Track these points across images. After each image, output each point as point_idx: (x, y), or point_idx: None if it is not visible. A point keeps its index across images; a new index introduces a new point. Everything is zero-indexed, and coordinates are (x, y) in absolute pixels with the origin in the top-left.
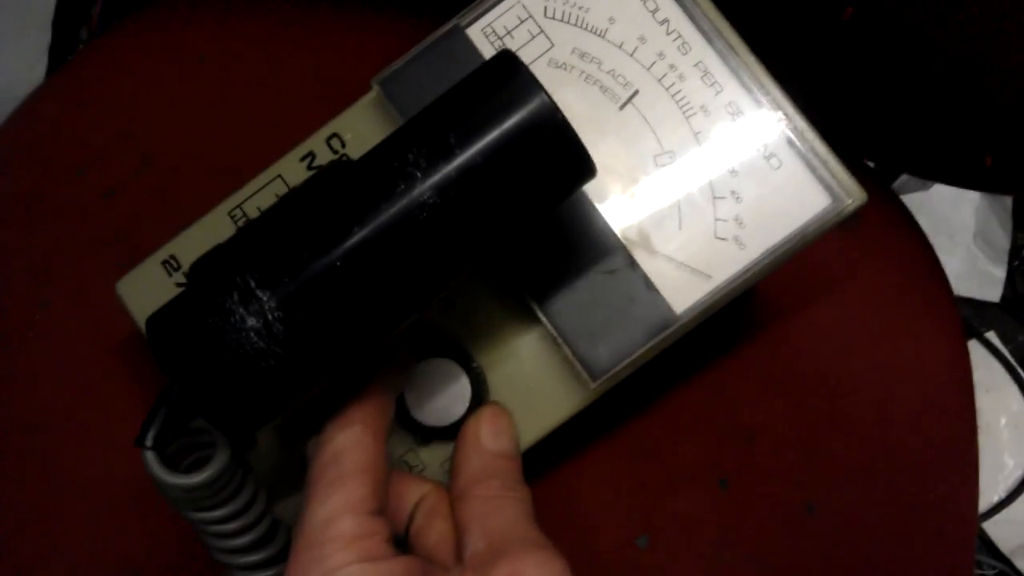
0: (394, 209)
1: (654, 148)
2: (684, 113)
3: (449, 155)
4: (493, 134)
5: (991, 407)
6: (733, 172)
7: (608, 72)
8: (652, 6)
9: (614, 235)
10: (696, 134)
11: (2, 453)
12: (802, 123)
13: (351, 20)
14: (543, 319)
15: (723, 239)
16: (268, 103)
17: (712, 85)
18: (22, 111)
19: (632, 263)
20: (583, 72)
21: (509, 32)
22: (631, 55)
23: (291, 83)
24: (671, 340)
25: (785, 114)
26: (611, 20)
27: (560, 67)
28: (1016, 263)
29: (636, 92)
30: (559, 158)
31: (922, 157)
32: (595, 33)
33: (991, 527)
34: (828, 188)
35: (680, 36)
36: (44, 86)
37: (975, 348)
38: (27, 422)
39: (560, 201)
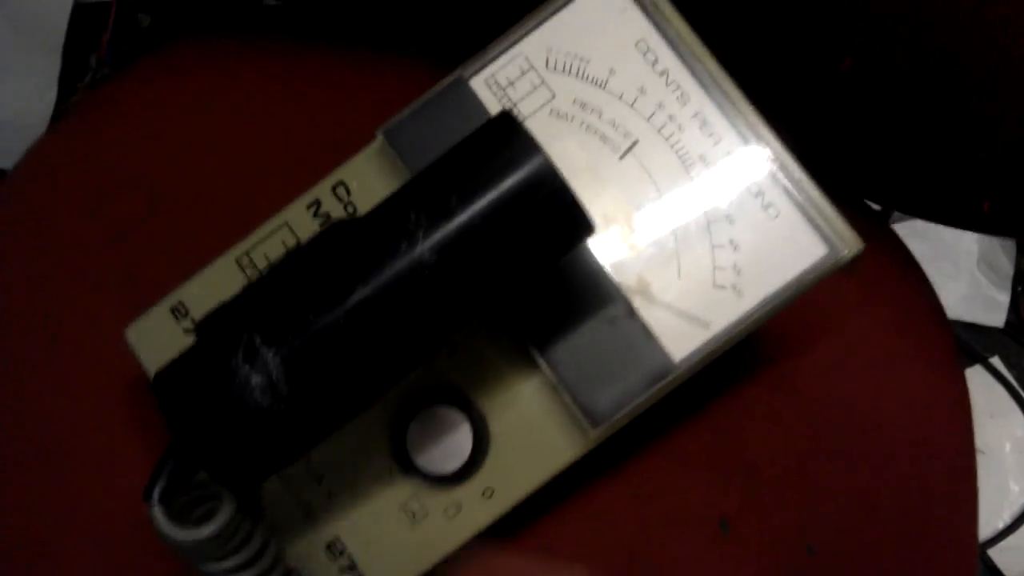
0: (396, 269)
1: (653, 197)
2: (683, 163)
3: (450, 217)
4: (493, 196)
5: (995, 433)
6: (731, 220)
7: (608, 122)
8: (652, 58)
9: (614, 284)
10: (695, 183)
11: (7, 492)
12: (799, 173)
13: (358, 65)
14: (544, 367)
15: (721, 287)
16: (275, 148)
17: (711, 135)
18: (32, 155)
19: (631, 312)
20: (584, 122)
21: (512, 83)
22: (631, 106)
23: (298, 128)
24: (670, 387)
25: (782, 164)
26: (611, 71)
27: (561, 117)
28: (1020, 288)
29: (636, 142)
30: (558, 219)
31: (920, 199)
32: (596, 84)
33: (996, 554)
34: (825, 237)
35: (679, 87)
36: (53, 131)
37: (978, 373)
38: (33, 462)
39: (559, 258)
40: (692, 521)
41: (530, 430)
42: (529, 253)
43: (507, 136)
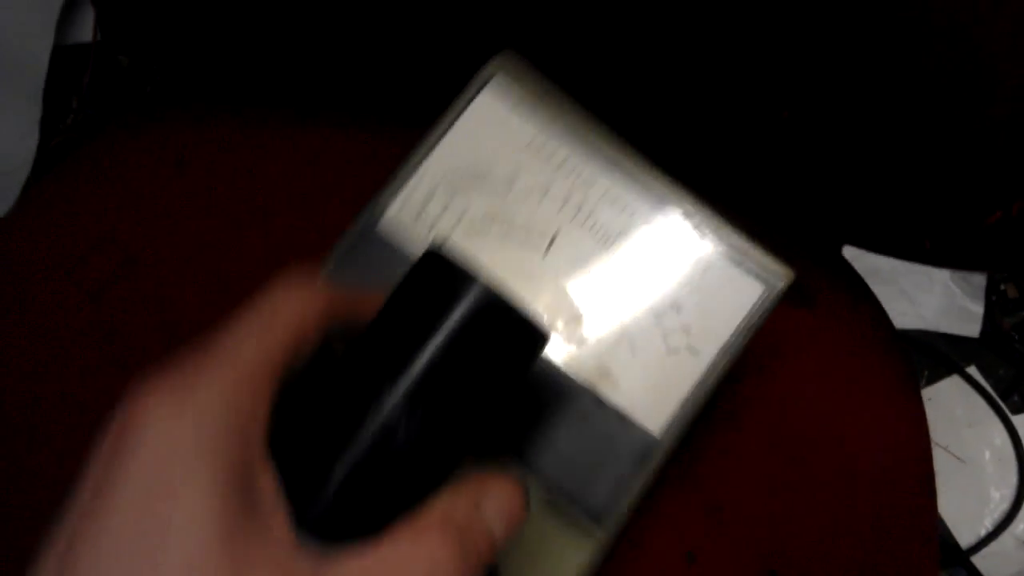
0: (370, 434)
1: (587, 284)
2: (605, 243)
3: (411, 372)
4: (446, 339)
5: (975, 441)
6: (666, 285)
7: (522, 226)
8: (547, 153)
9: (575, 381)
10: (622, 259)
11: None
12: (717, 221)
13: (331, 124)
14: (533, 480)
15: (675, 351)
16: (247, 206)
17: (623, 210)
18: (10, 218)
19: (599, 403)
20: (499, 230)
21: (424, 207)
22: (540, 203)
23: (269, 186)
24: (662, 463)
25: (698, 218)
26: (513, 176)
27: (477, 232)
28: (993, 298)
29: (554, 237)
30: (513, 339)
31: (866, 234)
32: (502, 191)
33: (980, 561)
34: (757, 276)
35: (580, 173)
36: (31, 192)
37: (956, 383)
38: (25, 524)
39: (524, 374)
40: (660, 556)
41: (537, 547)
42: (496, 377)
43: (440, 275)
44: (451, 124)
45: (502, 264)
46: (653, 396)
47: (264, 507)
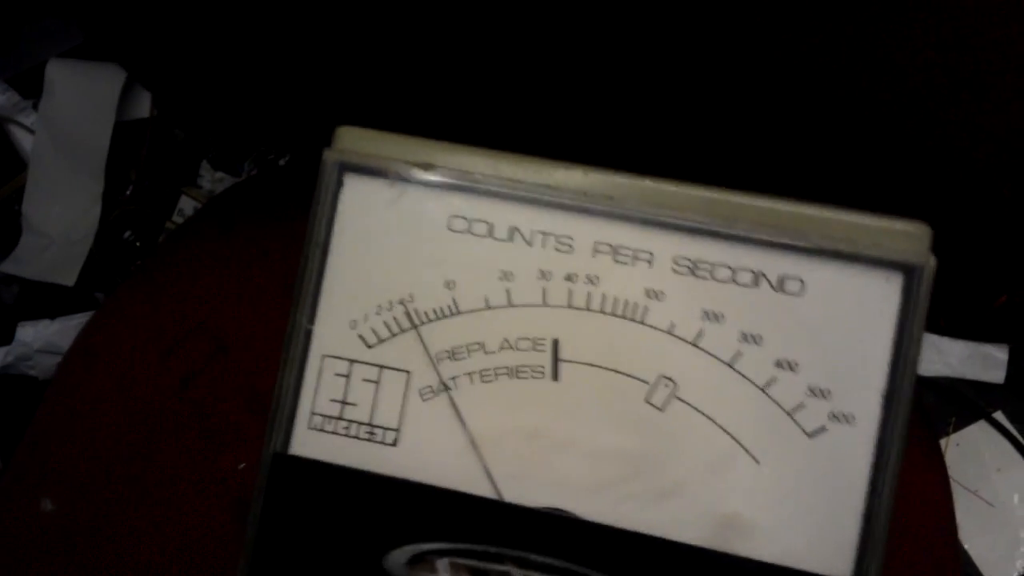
0: None
1: (638, 392)
2: (636, 319)
3: None
4: None
5: (1003, 486)
6: (755, 340)
7: (501, 348)
8: (481, 228)
9: (695, 550)
10: (669, 332)
11: None
12: (778, 207)
13: None
14: None
15: (819, 431)
16: None
17: (638, 258)
18: (109, 307)
19: (743, 565)
20: (474, 372)
21: (344, 400)
22: (508, 306)
23: None
24: None
25: (747, 220)
26: (450, 284)
27: (444, 390)
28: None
29: (556, 344)
30: None
31: None
32: (444, 316)
33: None
34: (882, 261)
35: (542, 234)
36: (128, 284)
37: (984, 429)
38: None
39: None
40: None
41: None
42: None
43: None
44: (323, 257)
45: (494, 429)
46: (819, 517)
47: None
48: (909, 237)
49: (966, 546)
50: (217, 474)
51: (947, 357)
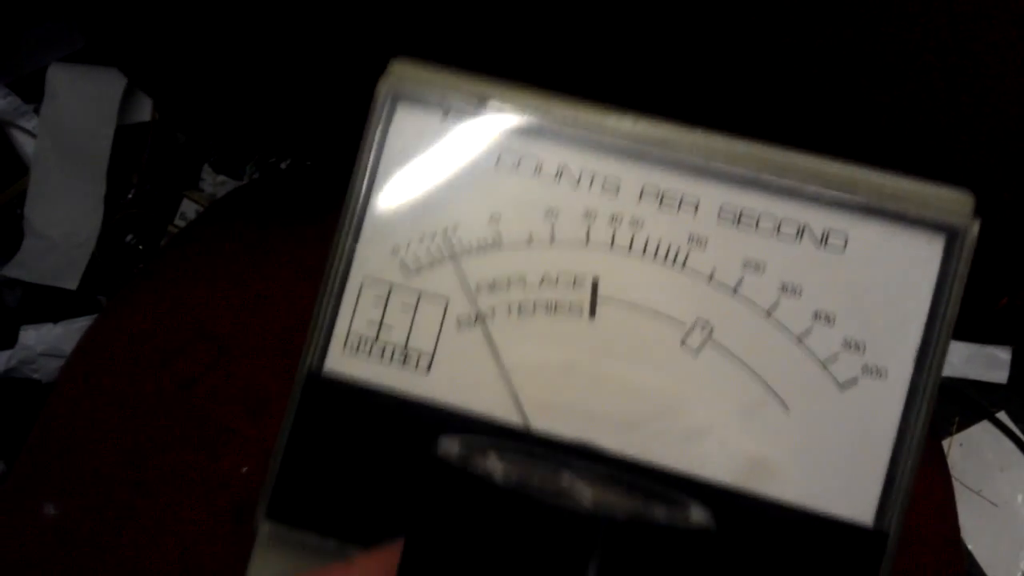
0: None
1: (674, 333)
2: (676, 263)
3: None
4: None
5: (1007, 485)
6: (795, 292)
7: (542, 285)
8: (530, 165)
9: (721, 489)
10: (710, 279)
11: None
12: (828, 167)
13: None
14: None
15: (852, 381)
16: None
17: (679, 205)
18: (109, 313)
19: (767, 506)
20: (512, 305)
21: (381, 324)
22: (551, 242)
23: None
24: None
25: (796, 175)
26: (495, 218)
27: (481, 321)
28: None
29: (595, 282)
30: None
31: None
32: (488, 248)
33: None
34: (927, 223)
35: (590, 174)
36: (129, 288)
37: (987, 429)
38: None
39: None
40: None
41: None
42: None
43: (489, 517)
44: (371, 184)
45: (549, 353)
46: (845, 465)
47: None
48: (953, 202)
49: (970, 546)
50: (219, 478)
51: (950, 357)
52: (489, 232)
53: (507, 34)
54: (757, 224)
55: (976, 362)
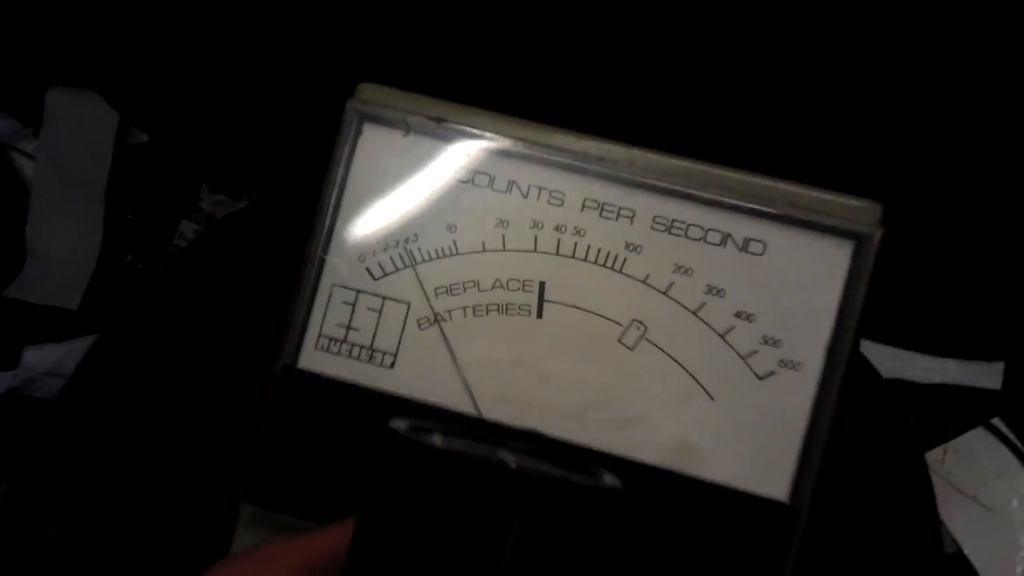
0: None
1: (612, 332)
2: (614, 268)
3: None
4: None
5: (1002, 491)
6: (719, 293)
7: (493, 288)
8: (484, 180)
9: (653, 470)
10: (644, 282)
11: None
12: (749, 180)
13: None
14: None
15: (770, 374)
16: None
17: (620, 214)
18: (110, 333)
19: (693, 484)
20: (467, 307)
21: (349, 325)
22: (502, 250)
23: None
24: (803, 531)
25: (721, 188)
26: (451, 228)
27: (438, 321)
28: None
29: (542, 287)
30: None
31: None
32: (445, 256)
33: None
34: (836, 230)
35: (538, 187)
36: (130, 309)
37: (982, 435)
38: None
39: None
40: None
41: None
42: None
43: (431, 471)
44: (338, 197)
45: (496, 345)
46: (763, 447)
47: None
48: (862, 211)
49: (966, 551)
50: (222, 498)
51: (945, 364)
52: (446, 241)
53: (466, 59)
54: (686, 232)
55: (971, 368)
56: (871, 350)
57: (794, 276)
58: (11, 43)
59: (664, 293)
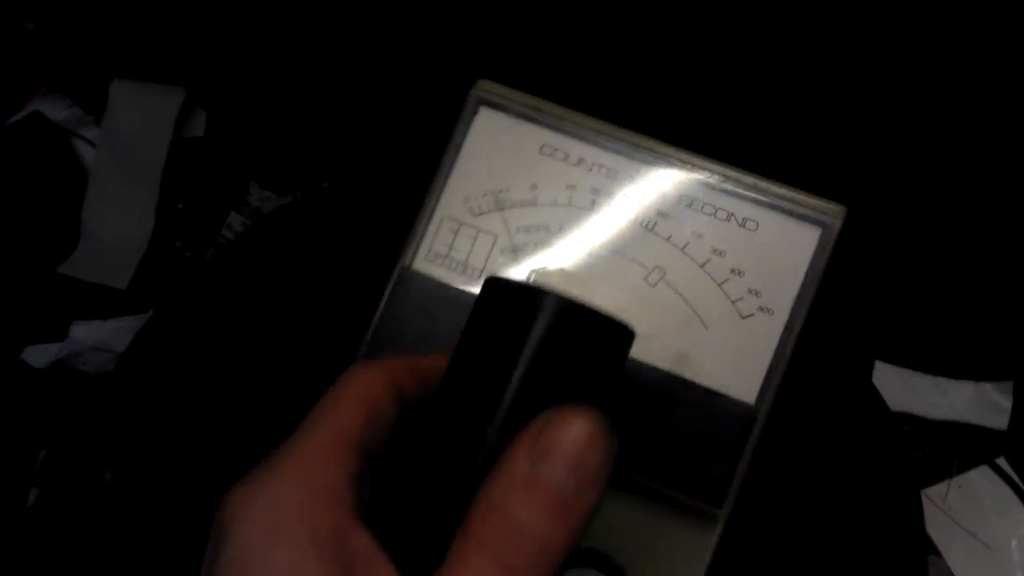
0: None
1: (640, 272)
2: (646, 228)
3: (504, 405)
4: (532, 362)
5: (1002, 529)
6: (721, 254)
7: (558, 232)
8: (561, 155)
9: (658, 371)
10: (666, 239)
11: None
12: (750, 178)
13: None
14: (645, 482)
15: (750, 315)
16: None
17: (655, 190)
18: (158, 319)
19: (688, 385)
20: (537, 243)
21: (451, 246)
22: (568, 206)
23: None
24: (762, 428)
25: (730, 180)
26: (533, 187)
27: (515, 251)
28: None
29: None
30: (600, 343)
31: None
32: (526, 205)
33: None
34: (810, 220)
35: (600, 165)
36: (179, 296)
37: (986, 473)
38: None
39: (619, 375)
40: None
41: (663, 546)
42: (589, 388)
43: (506, 300)
44: (456, 156)
45: (549, 274)
46: (739, 365)
47: (360, 560)
48: (831, 209)
49: None
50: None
51: (953, 401)
52: (528, 195)
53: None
54: (702, 209)
55: (979, 407)
56: (883, 373)
57: (776, 247)
58: (78, 31)
59: (681, 249)
